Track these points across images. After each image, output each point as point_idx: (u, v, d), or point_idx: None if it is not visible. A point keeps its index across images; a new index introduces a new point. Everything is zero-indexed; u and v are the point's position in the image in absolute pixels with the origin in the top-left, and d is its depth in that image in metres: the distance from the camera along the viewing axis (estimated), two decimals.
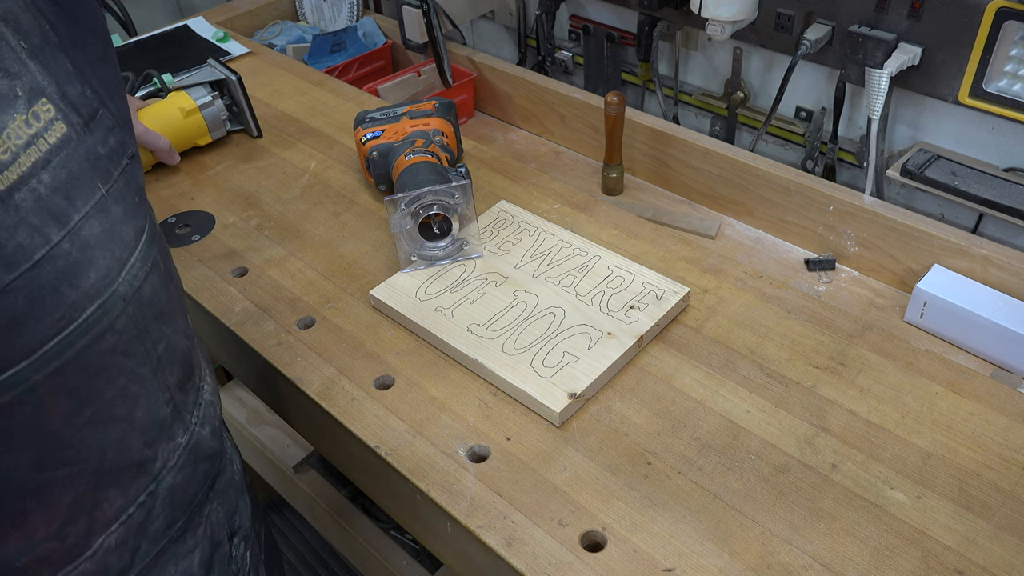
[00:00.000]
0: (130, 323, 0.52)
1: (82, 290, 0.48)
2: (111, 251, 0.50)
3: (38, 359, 0.46)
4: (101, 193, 0.49)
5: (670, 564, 0.66)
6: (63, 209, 0.46)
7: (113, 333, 0.51)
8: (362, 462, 0.82)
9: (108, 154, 0.51)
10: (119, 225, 0.51)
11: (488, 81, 1.45)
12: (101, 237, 0.49)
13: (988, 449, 0.74)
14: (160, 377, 0.57)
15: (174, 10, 1.95)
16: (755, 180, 1.13)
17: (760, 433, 0.76)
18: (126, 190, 0.53)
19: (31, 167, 0.44)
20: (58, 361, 0.47)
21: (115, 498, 0.55)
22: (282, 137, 1.23)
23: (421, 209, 0.90)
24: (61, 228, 0.46)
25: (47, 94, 0.46)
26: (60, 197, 0.46)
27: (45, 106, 0.46)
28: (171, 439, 0.60)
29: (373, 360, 0.86)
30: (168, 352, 0.58)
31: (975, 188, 1.02)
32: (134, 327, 0.53)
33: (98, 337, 0.50)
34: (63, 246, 0.46)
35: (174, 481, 0.60)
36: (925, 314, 0.97)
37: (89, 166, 0.49)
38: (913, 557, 0.66)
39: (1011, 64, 0.98)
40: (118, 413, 0.54)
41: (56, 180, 0.46)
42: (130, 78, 1.26)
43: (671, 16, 1.26)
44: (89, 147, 0.49)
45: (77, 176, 0.48)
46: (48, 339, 0.46)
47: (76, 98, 0.49)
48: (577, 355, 0.82)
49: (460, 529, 0.71)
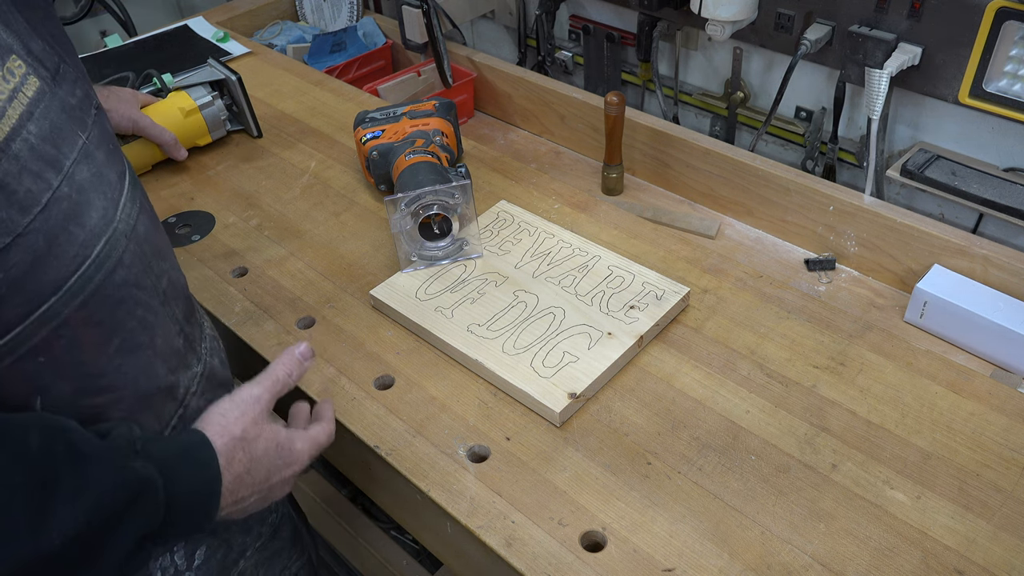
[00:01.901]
0: (135, 259, 0.58)
1: (88, 228, 0.53)
2: (103, 193, 0.55)
3: (65, 293, 0.51)
4: (82, 140, 0.54)
5: (670, 564, 0.66)
6: (54, 156, 0.51)
7: (123, 267, 0.57)
8: (362, 462, 0.82)
9: (79, 104, 0.55)
10: (104, 169, 0.56)
11: (488, 81, 1.45)
12: (92, 180, 0.54)
13: (988, 449, 0.74)
14: (168, 310, 0.63)
15: (174, 10, 1.95)
16: (755, 180, 1.13)
17: (760, 433, 0.76)
18: (101, 138, 0.57)
19: (19, 119, 0.48)
20: (82, 295, 0.53)
21: (151, 422, 0.62)
22: (282, 137, 1.23)
23: (421, 209, 0.90)
24: (57, 173, 0.51)
25: (15, 51, 0.50)
26: (49, 145, 0.51)
27: (16, 62, 0.49)
28: (188, 368, 0.67)
29: (373, 360, 0.86)
30: (171, 287, 0.64)
31: (975, 188, 1.02)
32: (139, 262, 0.59)
33: (111, 271, 0.55)
34: (63, 189, 0.51)
35: (198, 405, 0.66)
36: (925, 314, 0.97)
37: (66, 116, 0.53)
38: (913, 557, 0.66)
39: (1011, 64, 0.98)
40: (141, 341, 0.59)
41: (42, 130, 0.50)
42: (130, 78, 1.26)
43: (671, 16, 1.26)
44: (62, 99, 0.53)
45: (58, 126, 0.52)
46: (70, 275, 0.52)
47: (40, 53, 0.52)
48: (577, 355, 0.82)
49: (460, 529, 0.71)
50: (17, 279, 0.48)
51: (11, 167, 0.47)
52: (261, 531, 0.76)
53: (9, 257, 0.47)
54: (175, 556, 0.66)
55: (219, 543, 0.71)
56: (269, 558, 0.78)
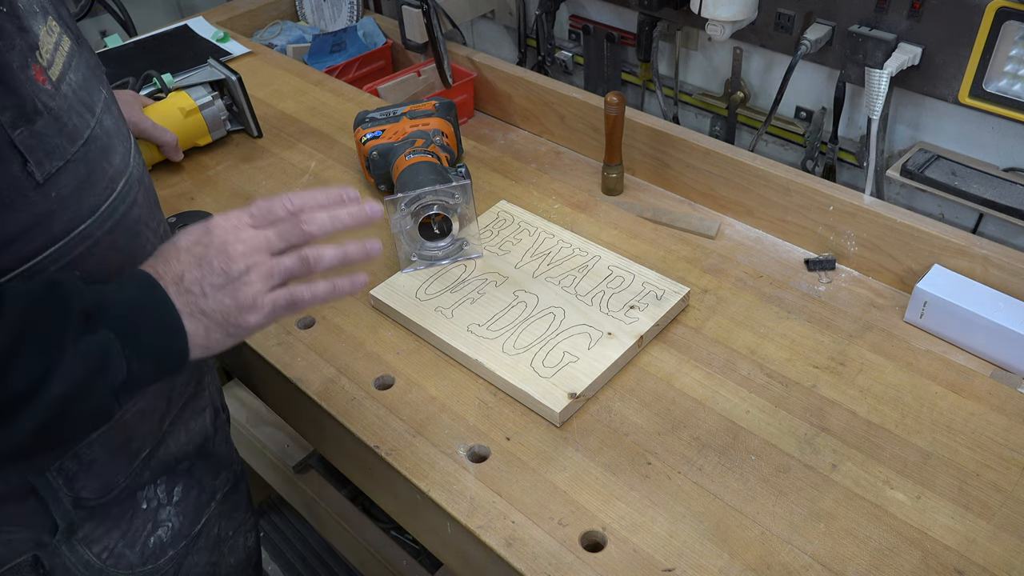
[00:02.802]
0: (145, 200, 0.66)
1: (114, 167, 0.61)
2: (121, 141, 0.63)
3: (98, 217, 0.59)
4: (104, 94, 0.63)
5: (670, 564, 0.66)
6: (88, 102, 0.59)
7: (137, 206, 0.64)
8: (362, 462, 0.82)
9: (96, 66, 0.64)
10: (119, 122, 0.65)
11: (488, 81, 1.45)
12: (113, 129, 0.62)
13: (988, 449, 0.74)
14: None
15: (174, 10, 1.95)
16: (755, 180, 1.13)
17: (760, 433, 0.76)
18: (113, 99, 0.65)
19: (63, 66, 0.57)
20: (110, 221, 0.60)
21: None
22: (282, 137, 1.23)
23: (421, 209, 0.90)
24: (92, 116, 0.59)
25: (51, 13, 0.58)
26: (84, 92, 0.59)
27: (52, 22, 0.57)
28: None
29: (373, 360, 0.86)
30: (166, 234, 0.70)
31: (975, 188, 1.02)
32: (147, 204, 0.66)
33: (131, 206, 0.63)
34: (96, 130, 0.59)
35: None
36: (925, 314, 0.97)
37: (91, 73, 0.62)
38: (913, 557, 0.66)
39: (1011, 64, 0.98)
40: None
41: (78, 79, 0.59)
42: (130, 80, 1.26)
43: (671, 16, 1.26)
44: (86, 59, 0.62)
45: (88, 78, 0.60)
46: (102, 202, 0.59)
47: (67, 19, 0.61)
48: (577, 355, 0.82)
49: (460, 529, 0.71)
50: (65, 198, 0.56)
51: (63, 103, 0.55)
52: (228, 477, 0.82)
53: (61, 178, 0.55)
54: (158, 489, 0.72)
55: (193, 482, 0.76)
56: (230, 511, 0.83)
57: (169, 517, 0.73)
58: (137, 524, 0.70)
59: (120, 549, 0.69)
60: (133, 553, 0.70)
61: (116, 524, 0.68)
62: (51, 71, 0.55)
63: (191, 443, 0.75)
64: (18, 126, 0.51)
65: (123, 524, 0.69)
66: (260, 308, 0.61)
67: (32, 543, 0.63)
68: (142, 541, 0.71)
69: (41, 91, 0.53)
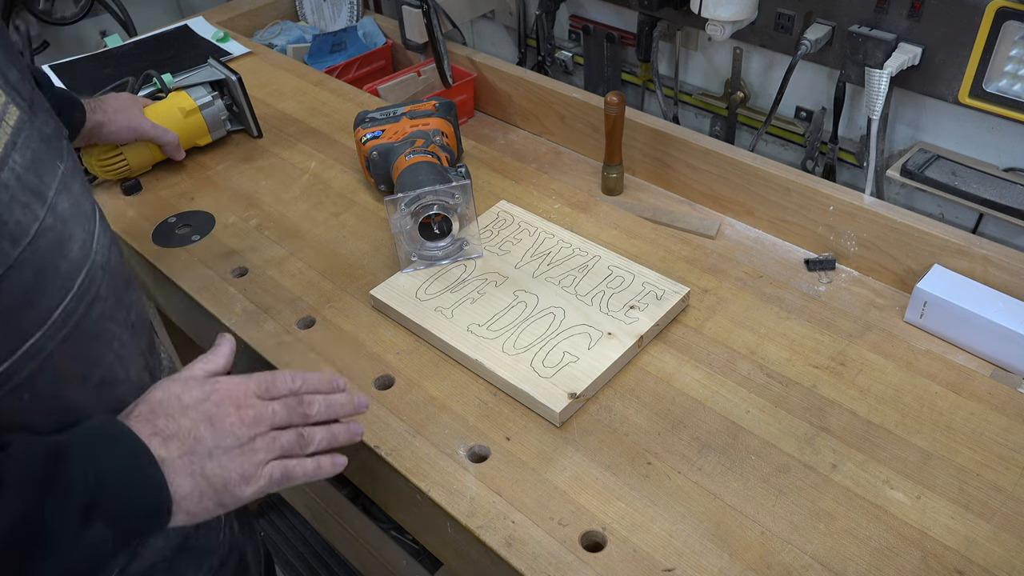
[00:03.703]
0: (110, 291, 0.58)
1: (70, 260, 0.53)
2: (81, 225, 0.55)
3: (50, 327, 0.51)
4: (61, 170, 0.54)
5: (670, 564, 0.66)
6: (38, 186, 0.51)
7: (100, 300, 0.57)
8: (362, 462, 0.82)
9: (53, 134, 0.55)
10: (81, 200, 0.57)
11: (488, 81, 1.45)
12: (71, 211, 0.54)
13: (988, 449, 0.74)
14: (137, 342, 0.63)
15: (174, 10, 1.95)
16: (755, 180, 1.13)
17: (760, 433, 0.76)
18: (75, 168, 0.57)
19: (4, 148, 0.48)
20: (65, 329, 0.53)
21: None
22: (282, 137, 1.23)
23: (421, 209, 0.90)
24: (42, 204, 0.51)
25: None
26: (33, 175, 0.50)
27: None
28: None
29: (373, 360, 0.86)
30: (138, 319, 0.65)
31: (975, 188, 1.02)
32: (113, 295, 0.59)
33: (91, 304, 0.55)
34: (48, 221, 0.51)
35: None
36: (925, 314, 0.97)
37: (45, 146, 0.53)
38: (913, 557, 0.66)
39: (1011, 64, 0.98)
40: (118, 375, 0.59)
41: (25, 159, 0.50)
42: (130, 80, 1.26)
43: (671, 16, 1.26)
44: (40, 128, 0.53)
45: (39, 155, 0.52)
46: (54, 307, 0.52)
47: (17, 83, 0.53)
48: (577, 355, 0.82)
49: (460, 529, 0.71)
50: (6, 312, 0.48)
51: (3, 197, 0.47)
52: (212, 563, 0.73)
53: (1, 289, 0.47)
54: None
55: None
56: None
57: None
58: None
59: None
60: None
61: None
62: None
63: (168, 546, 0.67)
64: None
65: None
66: (257, 480, 0.61)
67: None
68: None
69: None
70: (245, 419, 0.61)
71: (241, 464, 0.60)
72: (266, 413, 0.62)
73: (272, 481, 0.62)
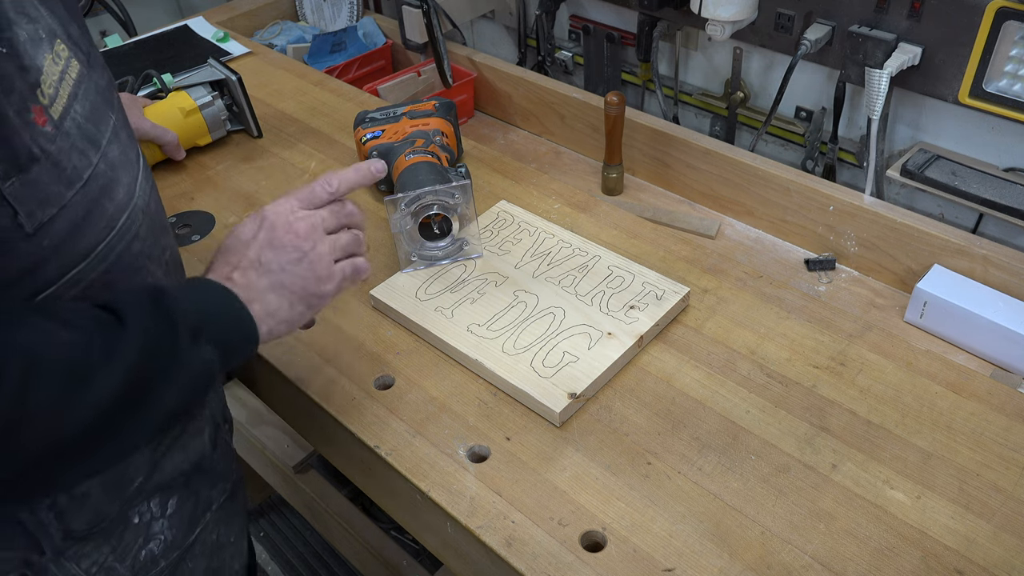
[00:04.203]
0: (148, 232, 0.64)
1: (115, 202, 0.59)
2: (127, 171, 0.61)
3: (93, 259, 0.57)
4: (112, 120, 0.60)
5: (670, 564, 0.66)
6: (94, 135, 0.57)
7: (139, 240, 0.62)
8: (362, 462, 0.82)
9: (107, 87, 0.61)
10: (128, 149, 0.62)
11: (488, 81, 1.45)
12: (120, 159, 0.60)
13: (988, 449, 0.74)
14: (169, 279, 0.68)
15: (174, 10, 1.95)
16: (755, 180, 1.13)
17: (760, 433, 0.76)
18: (124, 119, 0.63)
19: (68, 99, 0.54)
20: (106, 262, 0.58)
21: None
22: (282, 137, 1.23)
23: (421, 209, 0.90)
24: (96, 151, 0.56)
25: (59, 35, 0.55)
26: (91, 124, 0.56)
27: (61, 46, 0.55)
28: None
29: (373, 360, 0.86)
30: (172, 260, 0.70)
31: (975, 188, 1.02)
32: (151, 235, 0.64)
33: (130, 242, 0.61)
34: (100, 167, 0.57)
35: None
36: (925, 314, 0.97)
37: (100, 98, 0.59)
38: (913, 557, 0.66)
39: (1011, 64, 0.98)
40: None
41: (84, 110, 0.56)
42: (129, 80, 1.26)
43: (671, 16, 1.26)
44: (96, 81, 0.59)
45: (96, 107, 0.57)
46: (98, 243, 0.57)
47: (78, 38, 0.58)
48: (577, 355, 0.82)
49: (460, 529, 0.71)
50: (58, 245, 0.54)
51: (63, 144, 0.53)
52: (225, 487, 0.80)
53: (54, 225, 0.53)
54: (151, 504, 0.70)
55: (189, 494, 0.74)
56: (228, 517, 0.82)
57: (162, 530, 0.72)
58: (128, 539, 0.69)
59: (110, 563, 0.68)
60: (123, 567, 0.69)
61: (106, 540, 0.67)
62: (53, 108, 0.52)
63: (187, 462, 0.74)
64: (10, 177, 0.49)
65: (113, 540, 0.68)
66: (333, 277, 0.69)
67: (19, 562, 0.62)
68: (133, 555, 0.70)
69: (40, 135, 0.51)
70: (300, 232, 0.67)
71: (314, 269, 0.68)
72: (316, 221, 0.69)
73: (345, 277, 0.71)
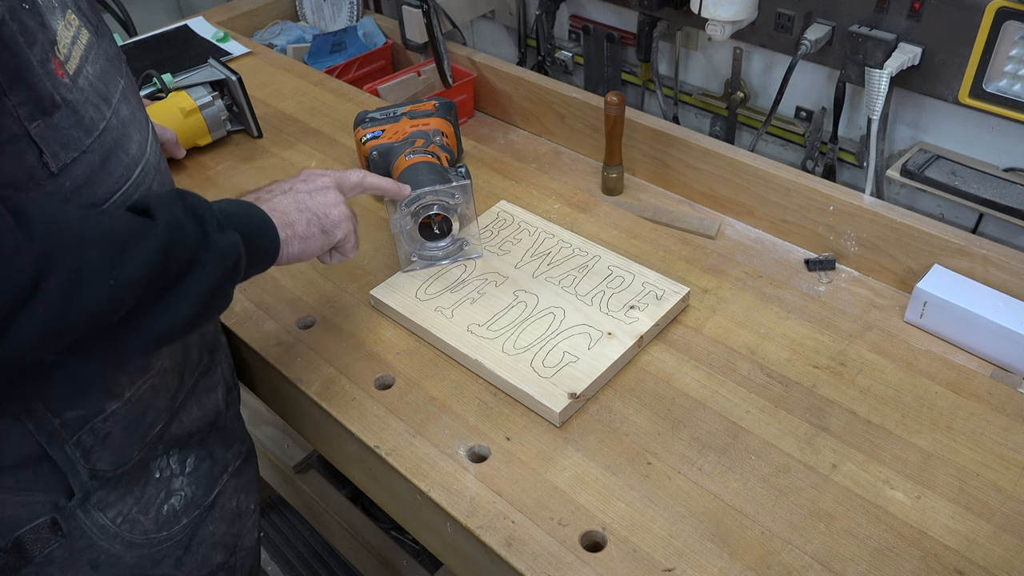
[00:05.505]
0: (160, 187, 0.69)
1: (129, 155, 0.64)
2: (137, 129, 0.67)
3: (112, 204, 0.62)
4: (121, 84, 0.65)
5: (670, 564, 0.66)
6: (105, 93, 0.62)
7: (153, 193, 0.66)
8: (362, 462, 0.82)
9: (115, 56, 0.67)
10: (137, 111, 0.68)
11: (488, 81, 1.45)
12: (130, 118, 0.66)
13: (988, 449, 0.74)
14: None
15: (174, 10, 1.95)
16: (755, 180, 1.13)
17: (760, 433, 0.76)
18: (132, 86, 0.69)
19: (80, 60, 0.59)
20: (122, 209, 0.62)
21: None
22: (282, 137, 1.23)
23: (421, 209, 0.90)
24: (108, 107, 0.62)
25: (70, 6, 0.60)
26: (101, 84, 0.62)
27: (71, 15, 0.60)
28: None
29: (373, 360, 0.86)
30: None
31: (975, 188, 1.02)
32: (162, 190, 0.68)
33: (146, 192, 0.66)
34: (112, 121, 0.62)
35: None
36: (925, 314, 0.97)
37: (109, 64, 0.64)
38: (913, 557, 0.66)
39: (1011, 64, 0.98)
40: None
41: (95, 71, 0.61)
42: None
43: (671, 16, 1.26)
44: (104, 49, 0.64)
45: (106, 70, 0.63)
46: (116, 190, 0.63)
47: (87, 11, 0.64)
48: (577, 355, 0.82)
49: (460, 529, 0.71)
50: (79, 187, 0.59)
51: (80, 96, 0.58)
52: (240, 449, 0.85)
53: (75, 168, 0.58)
54: (170, 460, 0.75)
55: (205, 454, 0.79)
56: (246, 484, 0.86)
57: (182, 487, 0.77)
58: (150, 492, 0.74)
59: (134, 515, 0.72)
60: (147, 519, 0.74)
61: (130, 491, 0.72)
62: (68, 64, 0.57)
63: (204, 418, 0.79)
64: (35, 119, 0.54)
65: (136, 491, 0.72)
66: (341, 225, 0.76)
67: (50, 505, 0.66)
68: (156, 508, 0.74)
69: (60, 84, 0.56)
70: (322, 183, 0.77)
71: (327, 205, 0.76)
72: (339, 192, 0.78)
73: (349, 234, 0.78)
